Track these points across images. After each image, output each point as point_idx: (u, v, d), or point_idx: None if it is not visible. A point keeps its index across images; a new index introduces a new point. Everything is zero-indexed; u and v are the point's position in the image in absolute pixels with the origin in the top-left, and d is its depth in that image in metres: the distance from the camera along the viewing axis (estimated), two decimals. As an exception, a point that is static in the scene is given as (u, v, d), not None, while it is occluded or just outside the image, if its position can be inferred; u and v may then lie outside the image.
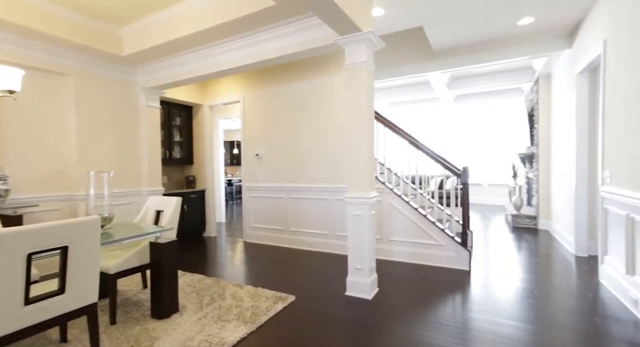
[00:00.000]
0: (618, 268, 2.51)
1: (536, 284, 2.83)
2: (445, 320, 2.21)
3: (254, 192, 4.61)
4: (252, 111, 4.62)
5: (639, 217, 2.18)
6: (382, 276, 3.08)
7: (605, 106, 2.80)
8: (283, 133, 4.37)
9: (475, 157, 8.37)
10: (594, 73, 3.50)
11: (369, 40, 2.53)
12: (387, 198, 3.60)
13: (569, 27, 3.66)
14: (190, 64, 3.53)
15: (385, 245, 3.66)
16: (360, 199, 2.59)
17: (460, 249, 3.23)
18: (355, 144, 2.63)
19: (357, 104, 2.61)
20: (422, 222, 3.43)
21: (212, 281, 2.93)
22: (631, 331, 2.02)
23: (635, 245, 2.26)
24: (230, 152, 10.37)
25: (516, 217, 5.19)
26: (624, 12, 2.46)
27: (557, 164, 4.53)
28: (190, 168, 5.22)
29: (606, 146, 2.79)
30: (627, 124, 2.40)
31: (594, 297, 2.53)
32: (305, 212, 4.20)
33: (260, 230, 4.57)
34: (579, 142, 3.60)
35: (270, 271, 3.29)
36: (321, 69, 4.05)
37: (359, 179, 2.62)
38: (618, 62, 2.56)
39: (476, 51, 4.31)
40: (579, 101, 3.59)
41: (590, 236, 3.57)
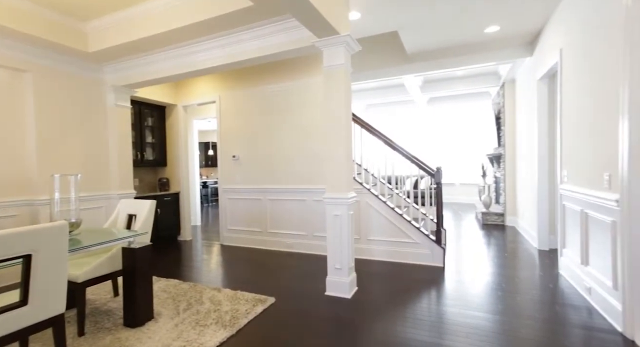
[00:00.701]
0: (574, 259, 2.72)
1: (504, 277, 3.00)
2: (422, 315, 2.29)
3: (231, 194, 4.53)
4: (229, 112, 4.55)
5: (592, 212, 2.38)
6: (361, 274, 3.13)
7: (562, 110, 3.02)
8: (261, 134, 4.33)
9: (447, 157, 8.72)
10: (552, 79, 3.77)
11: (347, 43, 2.58)
12: (365, 198, 3.67)
13: (530, 36, 3.92)
14: (164, 63, 3.42)
15: (363, 244, 3.72)
16: (339, 200, 2.62)
17: (435, 246, 3.36)
18: (334, 145, 2.66)
19: (335, 105, 2.65)
20: (399, 221, 3.53)
21: (189, 285, 2.85)
22: (585, 317, 2.20)
23: (589, 237, 2.46)
24: (205, 154, 10.11)
25: (485, 215, 5.47)
26: (576, 24, 2.68)
27: (522, 163, 4.83)
28: (164, 170, 5.03)
29: (564, 147, 3.02)
30: (580, 127, 2.61)
31: (554, 287, 2.72)
32: (283, 214, 4.19)
33: (238, 232, 4.50)
34: (540, 144, 3.86)
35: (249, 274, 3.25)
36: (299, 70, 4.06)
37: (337, 179, 2.65)
38: (572, 69, 2.77)
39: (447, 56, 4.50)
40: (540, 105, 3.85)
41: (551, 231, 3.83)
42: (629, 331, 1.93)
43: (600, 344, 1.89)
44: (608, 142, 2.15)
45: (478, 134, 8.25)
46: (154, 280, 3.00)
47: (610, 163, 2.12)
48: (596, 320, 2.15)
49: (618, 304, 2.03)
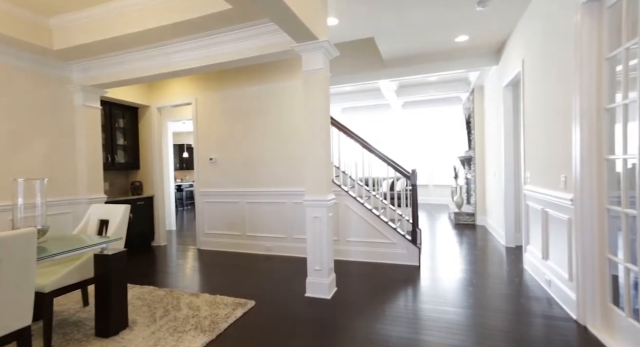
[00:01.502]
0: (536, 255, 2.93)
1: (474, 273, 3.17)
2: (399, 312, 2.37)
3: (208, 197, 4.45)
4: (206, 114, 4.47)
5: (551, 210, 2.58)
6: (340, 275, 3.19)
7: (525, 116, 3.25)
8: (239, 137, 4.30)
9: (422, 160, 9.03)
10: (516, 87, 4.04)
11: (325, 48, 2.63)
12: (343, 200, 3.75)
13: (496, 46, 4.18)
14: (138, 63, 3.32)
15: (342, 246, 3.79)
16: (318, 202, 2.66)
17: (411, 246, 3.48)
18: (313, 148, 2.70)
19: (314, 109, 2.70)
20: (376, 222, 3.63)
21: (165, 291, 2.78)
22: (546, 307, 2.38)
23: (549, 234, 2.66)
24: (180, 156, 9.83)
25: (458, 215, 5.72)
26: (534, 37, 2.90)
27: (490, 166, 5.11)
28: (136, 173, 4.86)
29: (526, 151, 3.24)
30: (540, 132, 2.83)
31: (519, 281, 2.91)
32: (262, 217, 4.17)
33: (215, 236, 4.42)
34: (506, 147, 4.12)
35: (228, 278, 3.22)
36: (278, 73, 4.08)
37: (316, 182, 2.69)
38: (532, 78, 3.00)
39: (421, 63, 4.69)
40: (505, 111, 4.10)
41: (517, 229, 4.09)
42: (582, 318, 2.11)
43: (558, 331, 2.05)
44: (563, 147, 2.35)
45: (450, 138, 8.62)
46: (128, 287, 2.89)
47: (565, 166, 2.32)
48: (555, 309, 2.33)
49: (573, 294, 2.22)
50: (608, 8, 1.92)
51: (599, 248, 2.03)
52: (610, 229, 1.97)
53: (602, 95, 1.99)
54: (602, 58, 1.98)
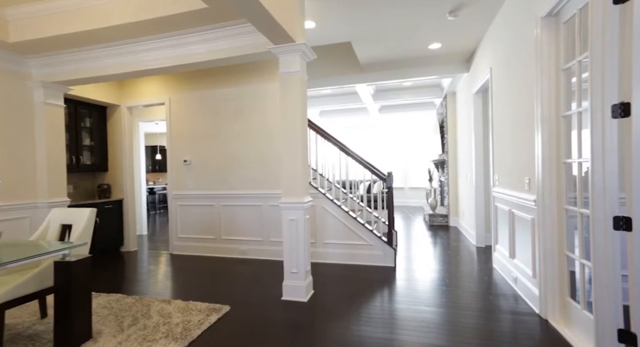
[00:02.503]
0: (504, 254, 3.07)
1: (447, 273, 3.27)
2: (375, 313, 2.40)
3: (182, 200, 4.31)
4: (180, 115, 4.34)
5: (517, 211, 2.72)
6: (317, 278, 3.19)
7: (494, 122, 3.42)
8: (214, 138, 4.20)
9: (398, 163, 9.24)
10: (485, 93, 4.24)
11: (302, 51, 2.64)
12: (321, 203, 3.75)
13: (467, 54, 4.37)
14: (104, 60, 3.17)
15: (319, 248, 3.79)
16: (295, 204, 2.65)
17: (387, 248, 3.55)
18: (290, 150, 2.70)
19: (291, 112, 2.69)
20: (353, 224, 3.66)
21: (134, 299, 2.65)
22: (512, 303, 2.50)
23: (515, 234, 2.80)
24: (152, 158, 9.46)
25: (432, 217, 5.90)
26: (501, 47, 3.07)
27: (462, 169, 5.32)
28: (105, 175, 4.62)
29: (495, 154, 3.41)
30: (506, 136, 2.98)
31: (488, 279, 3.04)
32: (238, 220, 4.10)
33: (189, 240, 4.29)
34: (476, 151, 4.30)
35: (202, 283, 3.12)
36: (254, 74, 4.04)
37: (293, 184, 2.69)
38: (499, 86, 3.16)
39: (397, 68, 4.82)
40: (475, 116, 4.30)
41: (486, 229, 4.27)
42: (544, 312, 2.23)
43: (522, 325, 2.16)
44: (527, 151, 2.49)
45: (425, 142, 8.90)
46: (92, 296, 2.73)
47: (529, 169, 2.45)
48: (520, 305, 2.46)
49: (536, 290, 2.35)
50: (564, 23, 2.07)
51: (558, 246, 2.16)
52: (568, 228, 2.10)
53: (560, 103, 2.13)
54: (559, 69, 2.13)
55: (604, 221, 1.61)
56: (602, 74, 1.60)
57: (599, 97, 1.62)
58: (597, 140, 1.63)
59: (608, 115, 1.58)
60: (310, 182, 3.80)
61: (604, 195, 1.60)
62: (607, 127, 1.59)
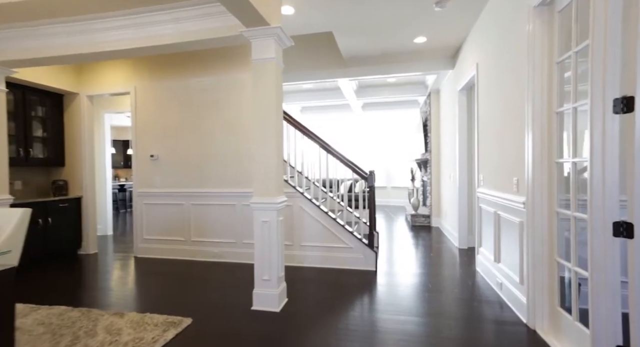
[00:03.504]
0: (488, 257, 2.95)
1: (430, 277, 3.12)
2: (354, 324, 2.20)
3: (149, 198, 3.96)
4: (147, 105, 3.98)
5: (503, 213, 2.59)
6: (293, 283, 2.95)
7: (479, 119, 3.29)
8: (185, 132, 3.88)
9: (381, 162, 9.13)
10: (470, 91, 4.13)
11: (277, 35, 2.39)
12: (298, 202, 3.52)
13: (452, 50, 4.25)
14: (54, 39, 2.80)
15: (296, 251, 3.55)
16: (267, 205, 2.41)
17: (368, 250, 3.36)
18: (262, 145, 2.44)
19: (265, 102, 2.44)
20: (332, 226, 3.45)
21: (80, 313, 2.32)
22: (497, 311, 2.36)
23: (501, 237, 2.67)
24: (124, 153, 8.92)
25: (414, 217, 5.79)
26: (489, 41, 2.93)
27: (445, 168, 5.22)
28: (61, 171, 4.19)
29: (480, 153, 3.28)
30: (493, 135, 2.85)
31: (472, 284, 2.91)
32: (209, 220, 3.80)
33: (156, 242, 3.95)
34: (460, 150, 4.19)
35: (165, 290, 2.82)
36: (229, 64, 3.74)
37: (266, 182, 2.44)
38: (486, 83, 3.03)
39: (380, 63, 4.64)
40: (460, 114, 4.18)
41: (469, 231, 4.17)
42: (532, 321, 2.10)
43: (509, 336, 2.01)
44: (516, 150, 2.35)
45: (408, 140, 8.83)
46: (29, 310, 2.37)
47: (518, 169, 2.32)
48: (506, 313, 2.32)
49: (523, 297, 2.21)
50: (559, 12, 1.92)
51: (548, 251, 2.02)
52: (559, 232, 1.97)
53: (552, 99, 1.99)
54: (552, 62, 1.98)
55: (602, 226, 1.46)
56: (603, 66, 1.45)
57: (599, 90, 1.47)
58: (596, 138, 1.48)
59: (609, 110, 1.43)
60: (288, 180, 3.56)
61: (604, 198, 1.45)
62: (608, 124, 1.44)
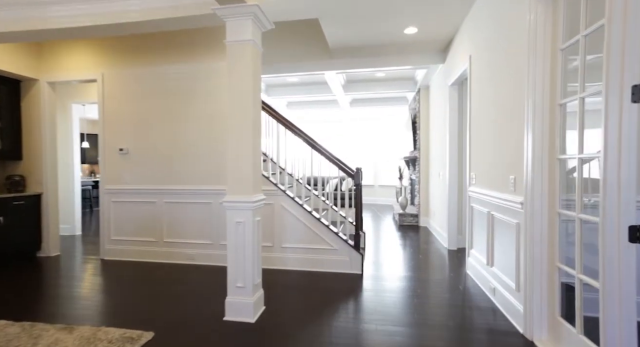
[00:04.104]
0: (480, 260, 2.79)
1: (419, 281, 2.93)
2: (338, 337, 1.98)
3: (117, 196, 3.64)
4: (116, 94, 3.64)
5: (497, 214, 2.42)
6: (273, 288, 2.71)
7: (472, 115, 3.12)
8: (158, 124, 3.57)
9: (369, 159, 8.96)
10: (461, 86, 3.97)
11: (254, 15, 2.13)
12: (280, 201, 3.28)
13: (443, 43, 4.07)
14: (-1, 13, 2.45)
15: (277, 253, 3.31)
16: (242, 204, 2.16)
17: (353, 252, 3.15)
18: (238, 137, 2.19)
19: (240, 89, 2.18)
20: (316, 226, 3.22)
21: (21, 328, 2.01)
22: (491, 320, 2.19)
23: (494, 239, 2.51)
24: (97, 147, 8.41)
25: (402, 216, 5.63)
26: (483, 31, 2.76)
27: (434, 166, 5.07)
28: (17, 165, 3.80)
29: (472, 150, 3.11)
30: (487, 131, 2.68)
31: (463, 289, 2.74)
32: (184, 220, 3.51)
33: (125, 243, 3.63)
34: (450, 147, 4.03)
35: (128, 299, 2.53)
36: (209, 50, 3.45)
37: (241, 179, 2.19)
38: (480, 76, 2.86)
39: (369, 55, 4.42)
40: (450, 110, 4.02)
41: (459, 231, 4.02)
42: (529, 331, 1.93)
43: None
44: (513, 146, 2.18)
45: (397, 138, 8.68)
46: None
47: (515, 166, 2.14)
48: (500, 322, 2.15)
49: (519, 305, 2.05)
50: (564, -7, 1.74)
51: (549, 256, 1.86)
52: (561, 235, 1.80)
53: (556, 89, 1.82)
54: (556, 49, 1.81)
55: (616, 230, 1.29)
56: (621, 48, 1.27)
57: (616, 76, 1.29)
58: (612, 130, 1.30)
59: (627, 98, 1.26)
60: (269, 177, 3.31)
61: (619, 198, 1.28)
62: (625, 114, 1.27)
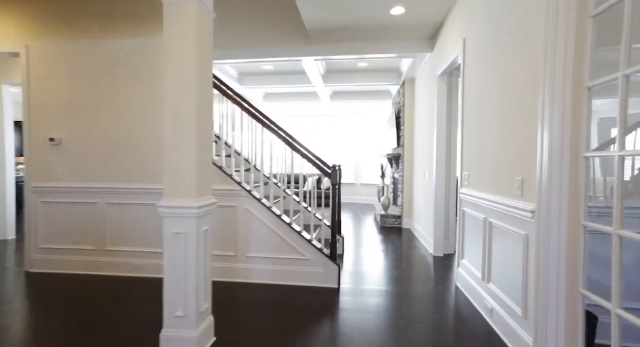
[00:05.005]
0: (474, 274, 2.42)
1: (403, 297, 2.53)
2: (300, 383, 1.54)
3: (48, 195, 3.03)
4: (45, 72, 3.01)
5: (498, 222, 2.05)
6: (232, 307, 2.23)
7: (465, 106, 2.74)
8: (98, 110, 2.98)
9: (350, 157, 8.57)
10: (451, 76, 3.61)
11: (200, -38, 1.63)
12: (244, 203, 2.79)
13: (433, 28, 3.68)
14: None
15: (240, 263, 2.83)
16: (182, 210, 1.66)
17: (329, 263, 2.71)
18: (176, 124, 1.69)
19: (181, 62, 1.68)
20: (287, 233, 2.76)
21: None
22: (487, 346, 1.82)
23: (493, 251, 2.14)
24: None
25: (384, 218, 5.26)
26: (482, 10, 2.37)
27: (419, 165, 4.71)
28: None
29: (465, 147, 2.74)
30: (485, 122, 2.30)
31: (454, 307, 2.37)
32: (130, 224, 2.95)
33: (58, 252, 3.03)
34: (438, 143, 3.66)
35: (38, 328, 1.97)
36: (155, 23, 2.88)
37: (181, 178, 1.69)
38: (477, 59, 2.47)
39: (351, 41, 3.99)
40: (439, 103, 3.64)
41: (446, 236, 3.68)
42: (539, 368, 1.57)
43: (516, 398, 1.46)
44: (522, 141, 1.79)
45: (380, 134, 8.33)
46: None
47: (524, 166, 1.76)
48: (503, 354, 1.78)
49: (527, 336, 1.68)
50: (597, -55, 1.35)
51: (569, 280, 1.48)
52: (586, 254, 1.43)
53: (584, 69, 1.43)
54: (586, 16, 1.42)
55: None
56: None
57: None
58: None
59: None
60: (232, 175, 2.81)
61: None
62: None
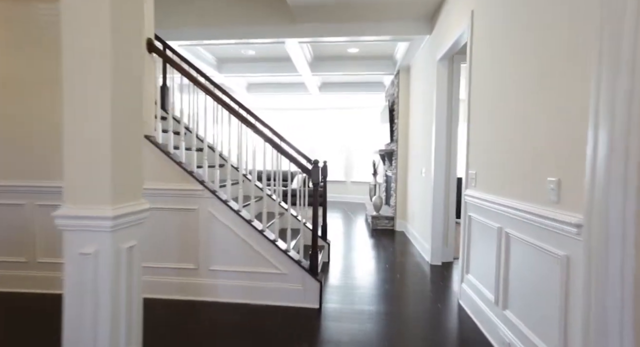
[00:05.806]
0: (484, 294, 1.99)
1: (397, 323, 2.09)
2: None
3: (-33, 196, 2.47)
4: (-38, 43, 2.45)
5: (519, 234, 1.61)
6: (187, 334, 1.75)
7: (472, 90, 2.30)
8: (25, 90, 2.43)
9: (340, 153, 8.12)
10: (453, 61, 3.17)
11: None
12: (206, 206, 2.29)
13: (432, 7, 3.23)
14: None
15: (203, 278, 2.34)
16: (90, 221, 1.17)
17: (309, 278, 2.24)
18: (84, 106, 1.20)
19: (87, 15, 1.18)
20: (259, 241, 2.28)
21: None
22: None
23: (510, 269, 1.71)
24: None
25: (376, 219, 4.82)
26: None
27: (414, 161, 4.29)
28: None
29: (472, 140, 2.30)
30: (501, 107, 1.86)
31: (460, 337, 1.93)
32: (67, 232, 2.42)
33: (-21, 266, 2.48)
34: (437, 137, 3.22)
35: None
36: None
37: (92, 175, 1.20)
38: (490, 32, 2.03)
39: (339, 21, 3.52)
40: (439, 92, 3.20)
41: (444, 242, 3.25)
42: None
43: None
44: (556, 129, 1.35)
45: (372, 129, 7.89)
46: None
47: (560, 161, 1.32)
48: (529, 410, 1.35)
49: (564, 388, 1.25)
50: None
51: (637, 324, 1.05)
52: None
53: (663, 19, 0.99)
54: (669, -58, 0.97)
55: None
56: None
57: None
58: None
59: None
60: (193, 172, 2.32)
61: None
62: None
